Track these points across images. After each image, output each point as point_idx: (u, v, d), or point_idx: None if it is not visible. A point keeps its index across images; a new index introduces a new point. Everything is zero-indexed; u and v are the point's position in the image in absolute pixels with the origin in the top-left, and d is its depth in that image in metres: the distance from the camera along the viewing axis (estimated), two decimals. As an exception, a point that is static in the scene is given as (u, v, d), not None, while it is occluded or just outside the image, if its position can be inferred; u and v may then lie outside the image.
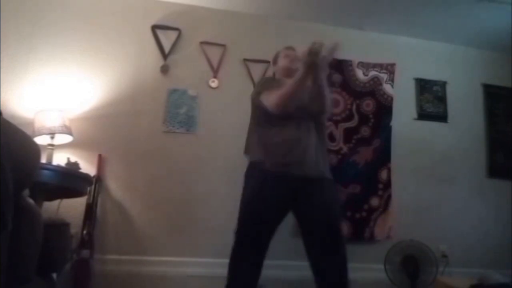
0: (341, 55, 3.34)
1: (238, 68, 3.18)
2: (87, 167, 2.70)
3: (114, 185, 2.82)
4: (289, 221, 2.20)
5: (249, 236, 2.08)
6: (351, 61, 3.35)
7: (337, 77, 3.30)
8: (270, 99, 2.05)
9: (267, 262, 2.10)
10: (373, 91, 3.36)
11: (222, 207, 2.83)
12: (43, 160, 2.39)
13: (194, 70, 3.11)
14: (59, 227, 1.60)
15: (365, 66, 3.38)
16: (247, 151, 2.30)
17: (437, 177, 3.34)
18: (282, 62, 2.36)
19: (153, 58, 3.06)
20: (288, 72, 2.29)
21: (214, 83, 3.12)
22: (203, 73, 3.12)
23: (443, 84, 3.54)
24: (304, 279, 2.11)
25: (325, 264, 2.02)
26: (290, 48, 2.41)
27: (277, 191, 2.04)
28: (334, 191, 2.22)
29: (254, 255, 2.07)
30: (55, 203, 2.49)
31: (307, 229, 2.10)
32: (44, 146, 2.51)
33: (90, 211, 2.62)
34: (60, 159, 2.62)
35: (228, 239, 2.12)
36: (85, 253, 2.47)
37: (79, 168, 2.57)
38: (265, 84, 2.23)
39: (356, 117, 3.28)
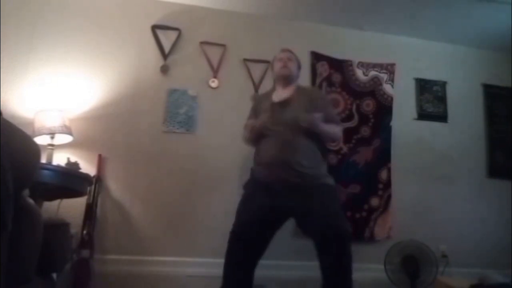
0: (341, 55, 3.36)
1: (238, 68, 3.18)
2: (87, 167, 2.70)
3: (114, 185, 2.82)
4: (289, 221, 2.20)
5: (241, 243, 2.07)
6: (351, 61, 3.35)
7: (337, 77, 3.30)
8: (244, 132, 2.35)
9: (267, 262, 2.10)
10: (373, 91, 3.36)
11: (222, 207, 2.83)
12: (43, 160, 2.39)
13: (194, 70, 3.11)
14: (59, 227, 1.60)
15: (365, 66, 3.38)
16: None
17: (437, 177, 3.34)
18: (276, 68, 2.39)
19: (153, 58, 3.06)
20: (280, 79, 2.32)
21: (214, 83, 3.11)
22: (203, 73, 3.12)
23: (443, 84, 3.54)
24: (304, 279, 2.12)
25: (329, 269, 2.00)
26: (284, 50, 2.42)
27: (268, 199, 2.04)
28: (332, 195, 2.17)
29: (246, 261, 2.07)
30: (55, 203, 2.49)
31: (311, 235, 2.08)
32: (44, 146, 2.51)
33: (90, 211, 2.62)
34: (60, 159, 2.62)
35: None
36: (85, 253, 2.48)
37: (79, 168, 2.57)
38: (251, 110, 2.45)
39: (356, 117, 3.28)
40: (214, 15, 3.24)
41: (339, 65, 3.32)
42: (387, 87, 3.39)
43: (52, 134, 2.58)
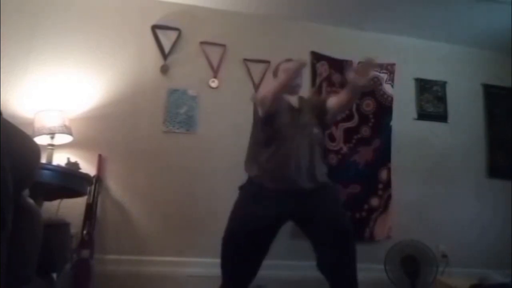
0: (341, 55, 3.36)
1: (238, 68, 3.19)
2: (87, 167, 2.70)
3: (114, 185, 2.82)
4: (288, 222, 2.20)
5: (232, 251, 2.05)
6: (351, 61, 3.34)
7: (337, 77, 3.30)
8: (260, 92, 2.19)
9: (267, 262, 2.09)
10: (373, 91, 3.36)
11: (222, 207, 2.80)
12: (43, 160, 2.39)
13: (194, 70, 3.11)
14: (59, 227, 1.60)
15: (365, 66, 3.38)
16: (246, 165, 2.25)
17: (437, 177, 3.34)
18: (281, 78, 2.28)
19: (153, 58, 3.06)
20: (288, 89, 2.27)
21: (214, 83, 3.12)
22: (203, 73, 3.12)
23: (443, 84, 3.54)
24: (304, 279, 2.11)
25: (336, 270, 1.98)
26: (289, 61, 2.31)
27: (269, 207, 2.00)
28: (336, 196, 2.19)
29: (240, 267, 2.05)
30: (55, 203, 2.49)
31: (317, 240, 2.05)
32: (44, 146, 2.51)
33: (90, 211, 2.63)
34: (60, 159, 2.62)
35: (228, 239, 2.12)
36: (85, 253, 2.48)
37: (79, 168, 2.57)
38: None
39: (356, 117, 3.28)
40: (214, 15, 3.24)
41: (339, 65, 3.32)
42: (387, 87, 3.39)
43: (52, 134, 2.58)
